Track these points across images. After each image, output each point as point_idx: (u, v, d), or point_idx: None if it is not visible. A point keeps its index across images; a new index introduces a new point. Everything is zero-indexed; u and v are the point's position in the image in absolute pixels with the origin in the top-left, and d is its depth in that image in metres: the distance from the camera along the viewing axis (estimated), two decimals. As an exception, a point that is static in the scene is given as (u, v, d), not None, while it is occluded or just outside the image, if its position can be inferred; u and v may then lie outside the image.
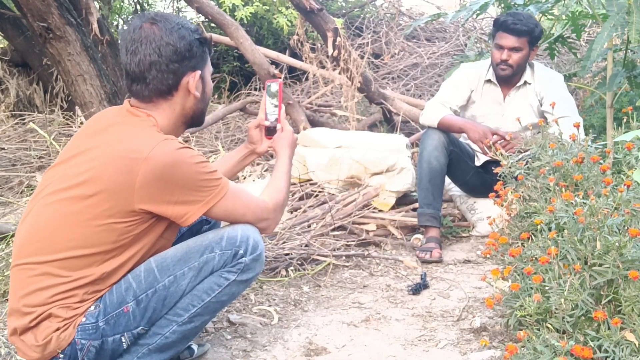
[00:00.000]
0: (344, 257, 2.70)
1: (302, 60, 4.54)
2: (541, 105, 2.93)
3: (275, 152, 1.93)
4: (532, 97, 2.96)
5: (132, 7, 6.54)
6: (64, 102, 5.15)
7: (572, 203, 1.78)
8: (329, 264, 2.60)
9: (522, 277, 1.78)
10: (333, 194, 3.17)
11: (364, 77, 4.04)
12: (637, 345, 1.44)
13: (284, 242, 2.68)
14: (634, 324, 1.49)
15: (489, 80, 3.01)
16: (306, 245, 2.66)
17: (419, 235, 2.95)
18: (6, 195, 3.56)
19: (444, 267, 2.68)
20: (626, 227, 1.65)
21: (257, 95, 5.04)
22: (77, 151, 1.58)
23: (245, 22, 5.23)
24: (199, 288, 1.64)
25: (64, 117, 4.83)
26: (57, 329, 1.51)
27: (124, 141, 1.53)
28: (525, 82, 2.96)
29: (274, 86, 1.95)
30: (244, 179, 3.45)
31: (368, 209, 3.03)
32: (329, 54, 3.85)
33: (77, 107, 3.74)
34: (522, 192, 2.14)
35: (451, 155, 2.90)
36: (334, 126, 4.29)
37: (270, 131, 1.95)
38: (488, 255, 1.98)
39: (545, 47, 4.00)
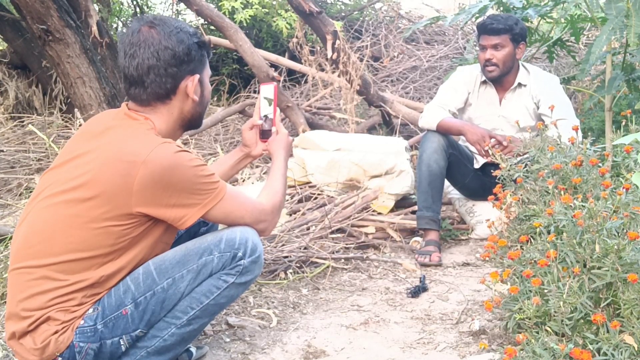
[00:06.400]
0: (342, 260, 2.70)
1: (302, 63, 4.54)
2: (538, 108, 2.94)
3: (270, 155, 1.93)
4: (528, 99, 2.96)
5: (132, 10, 6.54)
6: (63, 105, 5.15)
7: (571, 206, 1.78)
8: (327, 267, 2.60)
9: (521, 280, 1.78)
10: (332, 197, 3.17)
11: (363, 80, 4.04)
12: (636, 349, 1.44)
13: (283, 245, 2.67)
14: (633, 327, 1.49)
15: (484, 82, 3.02)
16: (305, 248, 2.66)
17: (418, 238, 2.95)
18: (5, 197, 3.55)
19: (443, 270, 2.68)
20: (625, 230, 1.65)
21: (256, 98, 5.03)
22: (75, 154, 1.57)
23: (245, 24, 5.23)
24: (198, 290, 1.64)
25: (63, 120, 4.83)
26: (56, 332, 1.51)
27: (122, 144, 1.53)
28: (520, 84, 2.97)
29: (269, 89, 1.94)
30: (243, 181, 3.44)
31: (367, 212, 3.03)
32: (328, 56, 3.85)
33: (76, 110, 3.74)
34: (521, 195, 2.15)
35: (450, 158, 2.90)
36: (333, 129, 4.30)
37: (265, 134, 1.95)
38: (487, 258, 1.98)
39: (544, 50, 4.01)
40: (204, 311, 1.65)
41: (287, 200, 3.15)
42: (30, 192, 3.56)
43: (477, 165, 3.07)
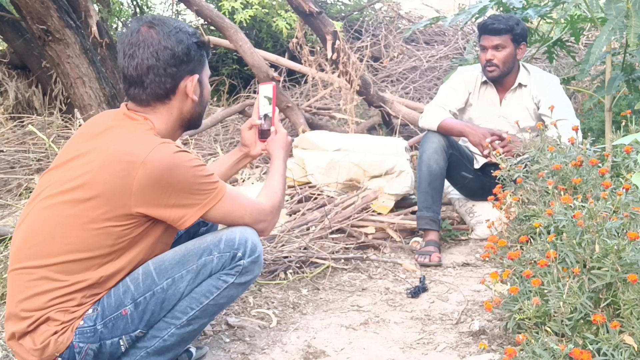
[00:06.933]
0: (342, 260, 2.70)
1: (301, 63, 4.54)
2: (538, 108, 2.94)
3: (269, 155, 1.93)
4: (528, 99, 2.96)
5: (132, 10, 6.54)
6: (63, 105, 5.14)
7: (570, 206, 1.78)
8: (327, 267, 2.60)
9: (521, 280, 1.77)
10: (332, 197, 3.17)
11: (363, 80, 4.04)
12: (636, 349, 1.44)
13: (283, 245, 2.67)
14: (633, 327, 1.49)
15: (485, 82, 3.02)
16: (305, 248, 2.66)
17: (418, 239, 2.94)
18: (5, 197, 3.55)
19: (442, 270, 2.68)
20: (625, 231, 1.65)
21: (256, 98, 5.02)
22: (74, 155, 1.57)
23: (245, 25, 5.23)
24: (197, 291, 1.64)
25: (62, 120, 4.82)
26: (55, 333, 1.51)
27: (121, 145, 1.53)
28: (520, 85, 2.97)
29: (268, 88, 1.94)
30: (243, 181, 3.44)
31: (367, 212, 3.03)
32: (328, 57, 3.85)
33: (76, 110, 3.73)
34: (521, 196, 2.14)
35: (450, 159, 2.90)
36: (333, 129, 4.29)
37: (264, 134, 1.95)
38: (487, 259, 1.98)
39: (544, 51, 4.01)
40: (204, 311, 1.65)
41: (287, 200, 3.15)
42: (30, 192, 3.56)
43: (477, 166, 3.07)
